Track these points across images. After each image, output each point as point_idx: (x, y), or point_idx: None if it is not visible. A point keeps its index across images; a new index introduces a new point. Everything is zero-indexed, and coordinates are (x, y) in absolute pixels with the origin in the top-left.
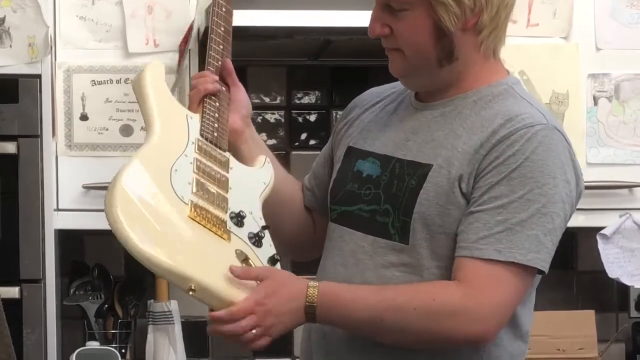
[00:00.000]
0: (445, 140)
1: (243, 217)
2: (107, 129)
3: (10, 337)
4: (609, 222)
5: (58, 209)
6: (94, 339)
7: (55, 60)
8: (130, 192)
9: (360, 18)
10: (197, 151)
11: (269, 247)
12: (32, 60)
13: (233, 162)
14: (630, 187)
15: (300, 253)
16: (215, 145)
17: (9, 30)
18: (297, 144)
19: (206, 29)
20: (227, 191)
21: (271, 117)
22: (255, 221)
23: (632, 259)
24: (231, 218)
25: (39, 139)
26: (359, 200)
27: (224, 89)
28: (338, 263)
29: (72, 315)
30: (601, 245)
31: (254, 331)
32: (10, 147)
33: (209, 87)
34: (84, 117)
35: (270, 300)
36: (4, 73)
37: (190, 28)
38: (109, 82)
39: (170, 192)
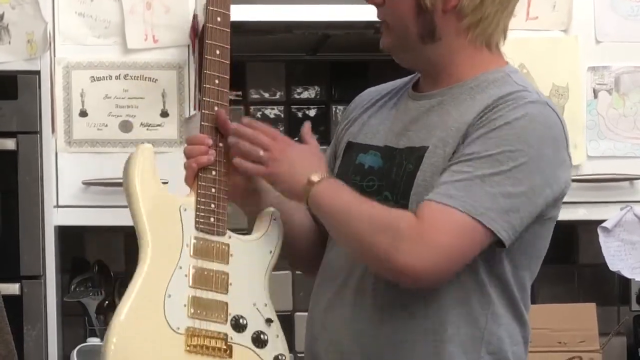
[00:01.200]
0: (440, 122)
1: (244, 325)
2: (106, 125)
3: (11, 334)
4: (610, 215)
5: (58, 206)
6: (95, 335)
7: (54, 56)
8: (123, 346)
9: (359, 12)
10: (192, 255)
11: (273, 343)
12: (31, 56)
13: (234, 245)
14: (630, 179)
15: (314, 268)
16: (213, 232)
17: (7, 27)
18: (296, 139)
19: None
20: (227, 290)
21: (271, 112)
22: (259, 314)
23: (633, 251)
24: (232, 326)
25: (39, 136)
26: (361, 192)
27: (220, 145)
28: (341, 254)
29: (72, 311)
30: (602, 238)
31: (262, 153)
32: (9, 144)
33: (202, 160)
34: (83, 114)
35: (288, 146)
36: (2, 69)
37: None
38: (108, 78)
39: (165, 327)
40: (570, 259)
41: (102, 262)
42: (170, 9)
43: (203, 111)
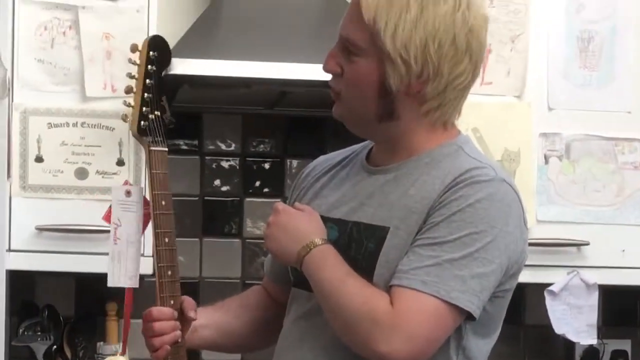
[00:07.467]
0: (399, 202)
1: None
2: (62, 172)
3: None
4: (556, 278)
5: (10, 250)
6: None
7: (12, 101)
8: None
9: (317, 71)
10: None
11: None
12: None
13: None
14: (578, 245)
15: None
16: None
17: None
18: (251, 191)
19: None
20: None
21: (226, 163)
22: None
23: (578, 315)
24: None
25: None
26: None
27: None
28: (298, 319)
29: (20, 355)
30: (549, 302)
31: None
32: None
33: (174, 338)
34: (39, 159)
35: (287, 216)
36: None
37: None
38: (65, 125)
39: None
40: (517, 320)
41: (52, 306)
42: (130, 59)
43: (161, 295)
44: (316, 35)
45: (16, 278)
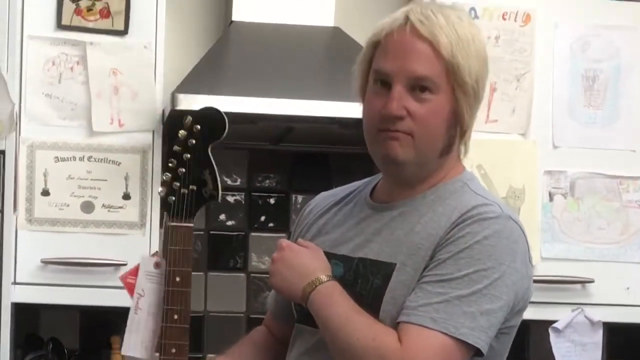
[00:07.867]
0: (405, 238)
1: None
2: (68, 205)
3: None
4: (561, 315)
5: (15, 282)
6: None
7: (19, 135)
8: None
9: (323, 107)
10: None
11: None
12: None
13: None
14: (582, 282)
15: None
16: None
17: None
18: (256, 225)
19: (171, 113)
20: None
21: (231, 198)
22: None
23: (583, 353)
24: None
25: (0, 213)
26: None
27: None
28: (302, 355)
29: None
30: (553, 339)
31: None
32: None
33: None
34: (45, 193)
35: (291, 253)
36: None
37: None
38: (72, 159)
39: None
40: (522, 357)
41: (57, 339)
42: (137, 94)
43: None
44: (322, 71)
45: (21, 311)
